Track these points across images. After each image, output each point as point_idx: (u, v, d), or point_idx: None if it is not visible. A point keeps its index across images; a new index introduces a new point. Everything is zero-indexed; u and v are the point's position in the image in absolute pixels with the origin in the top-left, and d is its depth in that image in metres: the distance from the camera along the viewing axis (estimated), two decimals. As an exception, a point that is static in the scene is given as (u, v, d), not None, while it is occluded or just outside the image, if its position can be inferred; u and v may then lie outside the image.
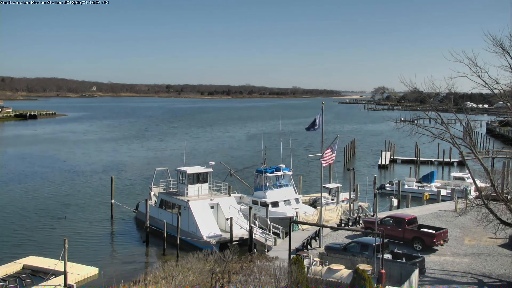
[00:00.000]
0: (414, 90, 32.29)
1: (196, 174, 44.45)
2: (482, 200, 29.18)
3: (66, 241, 29.76)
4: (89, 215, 50.81)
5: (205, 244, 38.34)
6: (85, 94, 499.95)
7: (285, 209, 43.82)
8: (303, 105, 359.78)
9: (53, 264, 33.04)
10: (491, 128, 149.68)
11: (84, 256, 37.12)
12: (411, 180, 62.34)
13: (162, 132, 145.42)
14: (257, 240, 38.25)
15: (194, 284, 25.50)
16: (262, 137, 73.20)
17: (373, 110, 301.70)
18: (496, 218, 28.79)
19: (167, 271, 26.94)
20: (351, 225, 41.45)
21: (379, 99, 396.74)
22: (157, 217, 44.36)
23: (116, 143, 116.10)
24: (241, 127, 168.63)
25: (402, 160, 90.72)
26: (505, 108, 34.79)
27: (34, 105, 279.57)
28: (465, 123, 32.08)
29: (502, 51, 27.07)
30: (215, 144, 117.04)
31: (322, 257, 29.22)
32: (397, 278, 25.77)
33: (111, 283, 28.45)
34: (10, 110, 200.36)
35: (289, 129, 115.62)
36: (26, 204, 55.10)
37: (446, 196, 54.26)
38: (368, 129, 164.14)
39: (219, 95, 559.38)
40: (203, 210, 41.70)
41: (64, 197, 58.65)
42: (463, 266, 31.36)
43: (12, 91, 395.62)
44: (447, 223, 41.95)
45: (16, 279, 31.66)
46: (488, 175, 29.07)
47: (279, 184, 47.41)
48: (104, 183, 65.31)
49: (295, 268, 25.17)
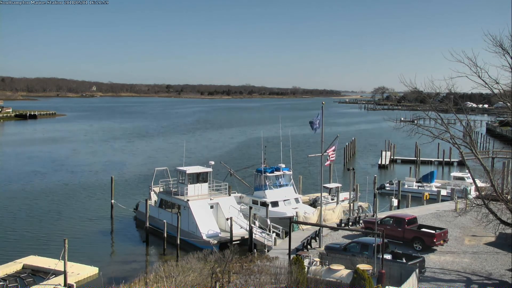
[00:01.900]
0: (414, 90, 32.33)
1: (196, 174, 44.46)
2: (482, 200, 29.19)
3: (66, 241, 29.80)
4: (89, 215, 50.80)
5: (205, 244, 38.35)
6: (85, 94, 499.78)
7: (285, 209, 43.84)
8: (304, 106, 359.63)
9: (53, 264, 33.06)
10: (491, 128, 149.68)
11: (84, 256, 37.12)
12: (411, 180, 62.36)
13: (162, 132, 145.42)
14: (257, 240, 38.25)
15: (194, 284, 25.50)
16: (262, 137, 73.17)
17: (373, 110, 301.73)
18: (496, 218, 28.80)
19: (167, 271, 26.93)
20: (351, 225, 41.44)
21: (379, 99, 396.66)
22: (157, 217, 44.36)
23: (116, 143, 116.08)
24: (241, 127, 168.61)
25: (402, 160, 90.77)
26: (505, 108, 34.83)
27: (34, 105, 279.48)
28: (465, 123, 32.09)
29: (502, 51, 27.12)
30: (215, 144, 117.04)
31: (322, 257, 29.22)
32: (397, 278, 25.77)
33: (111, 283, 28.45)
34: (10, 110, 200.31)
35: (289, 129, 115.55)
36: (26, 204, 55.08)
37: (446, 196, 54.28)
38: (368, 129, 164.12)
39: (219, 95, 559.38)
40: (203, 210, 41.70)
41: (64, 197, 58.63)
42: (463, 266, 31.36)
43: (12, 91, 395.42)
44: (447, 223, 41.96)
45: (16, 279, 31.66)
46: (488, 175, 29.08)
47: (279, 183, 47.43)
48: (104, 183, 65.31)
49: (295, 268, 25.17)
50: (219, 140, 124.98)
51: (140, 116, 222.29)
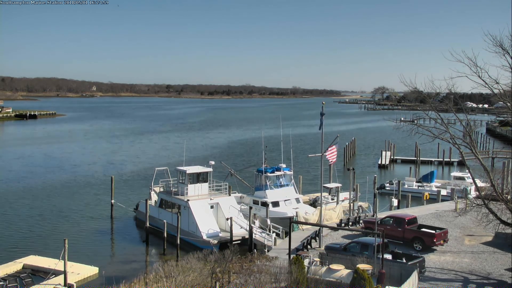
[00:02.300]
0: (414, 90, 32.33)
1: (196, 174, 44.44)
2: (482, 200, 29.20)
3: (66, 241, 29.81)
4: (89, 214, 50.80)
5: (205, 244, 38.35)
6: (85, 94, 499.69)
7: (286, 209, 43.83)
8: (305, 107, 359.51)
9: (53, 264, 33.07)
10: (491, 128, 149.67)
11: (84, 255, 37.14)
12: (411, 180, 62.37)
13: (162, 132, 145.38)
14: (257, 240, 38.25)
15: (194, 284, 25.50)
16: (263, 136, 73.13)
17: (373, 110, 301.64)
18: (496, 218, 28.81)
19: (167, 271, 26.95)
20: (351, 225, 41.44)
21: (379, 99, 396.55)
22: (157, 216, 44.36)
23: (115, 143, 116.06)
24: (241, 127, 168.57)
25: (402, 160, 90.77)
26: (505, 108, 34.82)
27: (34, 105, 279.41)
28: (465, 123, 32.09)
29: (502, 51, 27.12)
30: (215, 143, 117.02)
31: (322, 257, 29.22)
32: (397, 278, 25.77)
33: (111, 282, 28.44)
34: (10, 110, 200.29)
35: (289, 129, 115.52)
36: (26, 203, 55.08)
37: (446, 196, 54.30)
38: (368, 129, 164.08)
39: (219, 95, 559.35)
40: (203, 209, 41.69)
41: (64, 197, 58.64)
42: (463, 266, 31.36)
43: (12, 91, 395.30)
44: (447, 223, 41.96)
45: (16, 279, 31.66)
46: (488, 175, 29.08)
47: (279, 183, 47.42)
48: (104, 183, 65.33)
49: (295, 268, 25.19)
50: (219, 140, 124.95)
51: (126, 117, 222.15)
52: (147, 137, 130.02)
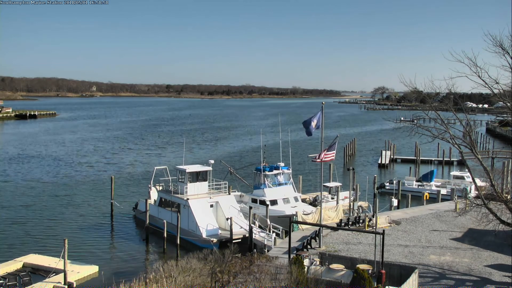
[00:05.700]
0: (414, 90, 32.28)
1: (196, 173, 44.39)
2: (482, 200, 29.17)
3: (66, 241, 29.82)
4: (89, 214, 50.80)
5: (205, 243, 38.35)
6: (85, 94, 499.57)
7: (284, 207, 43.83)
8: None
9: (53, 263, 33.10)
10: (491, 128, 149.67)
11: (84, 254, 37.17)
12: (411, 179, 62.37)
13: (162, 132, 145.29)
14: (257, 240, 38.23)
15: (194, 284, 25.48)
16: (261, 136, 73.21)
17: (373, 110, 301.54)
18: (496, 218, 28.78)
19: (167, 271, 26.92)
20: (351, 225, 41.39)
21: (379, 99, 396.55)
22: (157, 216, 44.34)
23: (115, 143, 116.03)
24: (241, 127, 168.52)
25: (402, 159, 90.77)
26: (505, 108, 34.76)
27: (34, 105, 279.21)
28: (465, 123, 32.04)
29: (502, 51, 27.06)
30: (215, 143, 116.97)
31: (322, 257, 29.20)
32: (397, 278, 25.76)
33: (111, 281, 28.46)
34: (10, 110, 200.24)
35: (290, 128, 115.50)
36: (26, 202, 55.06)
37: (446, 195, 54.31)
38: (368, 128, 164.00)
39: (219, 95, 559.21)
40: (202, 208, 41.68)
41: (64, 196, 58.62)
42: (463, 266, 31.35)
43: (12, 91, 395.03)
44: (447, 223, 41.95)
45: (16, 277, 31.64)
46: (488, 175, 29.04)
47: (278, 182, 47.45)
48: (104, 182, 65.30)
49: (295, 268, 25.19)
50: (219, 140, 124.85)
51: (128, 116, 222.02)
52: (147, 137, 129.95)
